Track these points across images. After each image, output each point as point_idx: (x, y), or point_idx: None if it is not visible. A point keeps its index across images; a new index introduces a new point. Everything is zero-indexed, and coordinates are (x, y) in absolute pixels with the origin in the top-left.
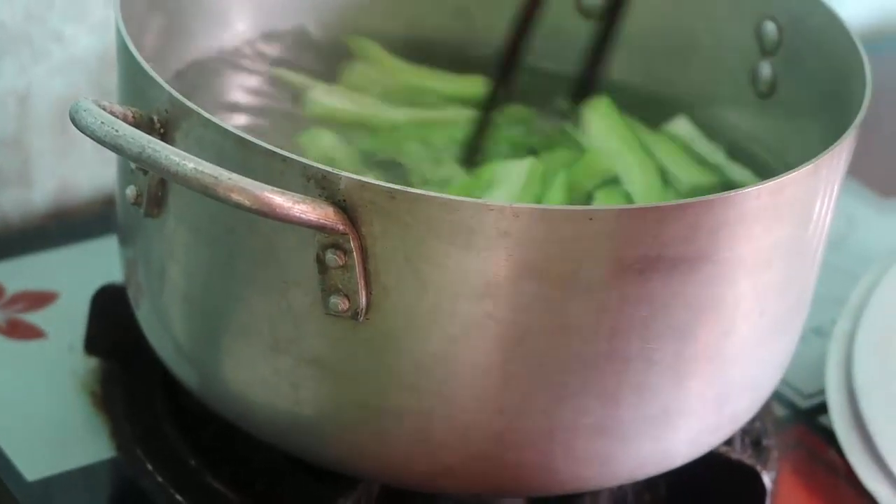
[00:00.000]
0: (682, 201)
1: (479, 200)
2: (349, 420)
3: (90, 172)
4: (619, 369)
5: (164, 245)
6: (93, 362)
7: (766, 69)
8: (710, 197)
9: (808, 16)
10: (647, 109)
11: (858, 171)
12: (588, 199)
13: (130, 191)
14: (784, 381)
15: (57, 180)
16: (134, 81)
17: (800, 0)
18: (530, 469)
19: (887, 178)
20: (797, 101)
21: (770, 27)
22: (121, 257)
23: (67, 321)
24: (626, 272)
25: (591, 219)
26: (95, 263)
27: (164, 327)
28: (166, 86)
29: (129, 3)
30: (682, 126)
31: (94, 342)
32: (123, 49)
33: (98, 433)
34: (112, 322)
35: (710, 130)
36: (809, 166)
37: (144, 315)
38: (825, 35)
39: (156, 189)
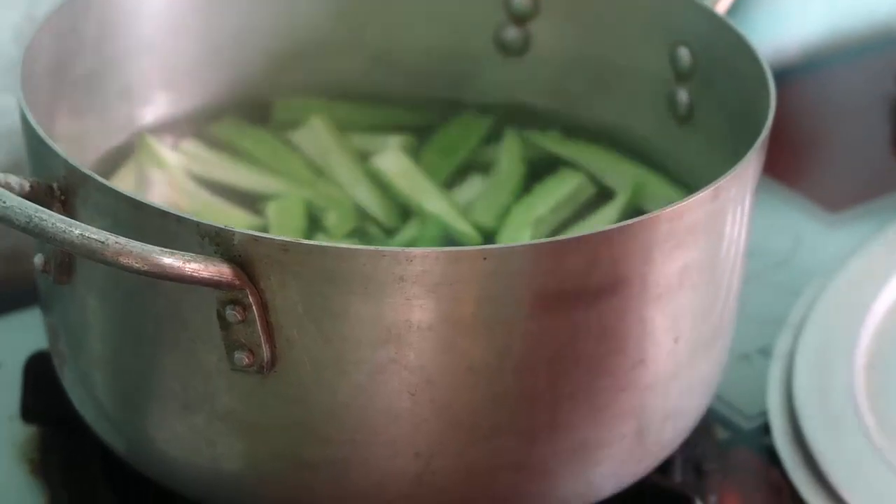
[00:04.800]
0: (578, 234)
1: (372, 248)
2: (267, 473)
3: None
4: (530, 406)
5: (77, 311)
6: (31, 430)
7: (682, 95)
8: (606, 228)
9: (718, 39)
10: (569, 134)
11: (805, 187)
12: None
13: (39, 259)
14: (727, 403)
15: (5, 248)
16: (35, 151)
17: (709, 24)
18: None
19: (834, 194)
20: (714, 124)
21: (684, 53)
22: (44, 324)
23: (9, 389)
24: (527, 309)
25: (484, 258)
26: (38, 331)
27: (86, 392)
28: (61, 152)
29: (33, 76)
30: None
31: (30, 410)
32: (24, 119)
33: (35, 502)
34: (47, 389)
35: (634, 154)
36: (709, 190)
37: (68, 380)
38: (735, 58)
39: (62, 256)
